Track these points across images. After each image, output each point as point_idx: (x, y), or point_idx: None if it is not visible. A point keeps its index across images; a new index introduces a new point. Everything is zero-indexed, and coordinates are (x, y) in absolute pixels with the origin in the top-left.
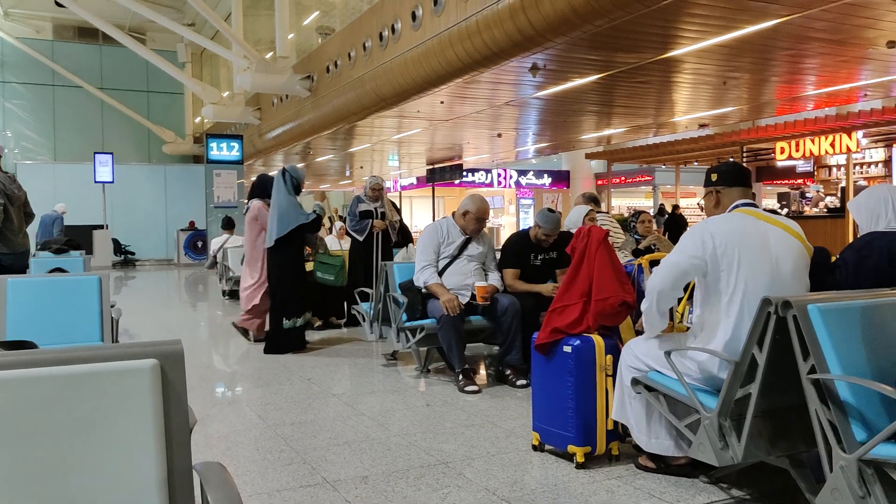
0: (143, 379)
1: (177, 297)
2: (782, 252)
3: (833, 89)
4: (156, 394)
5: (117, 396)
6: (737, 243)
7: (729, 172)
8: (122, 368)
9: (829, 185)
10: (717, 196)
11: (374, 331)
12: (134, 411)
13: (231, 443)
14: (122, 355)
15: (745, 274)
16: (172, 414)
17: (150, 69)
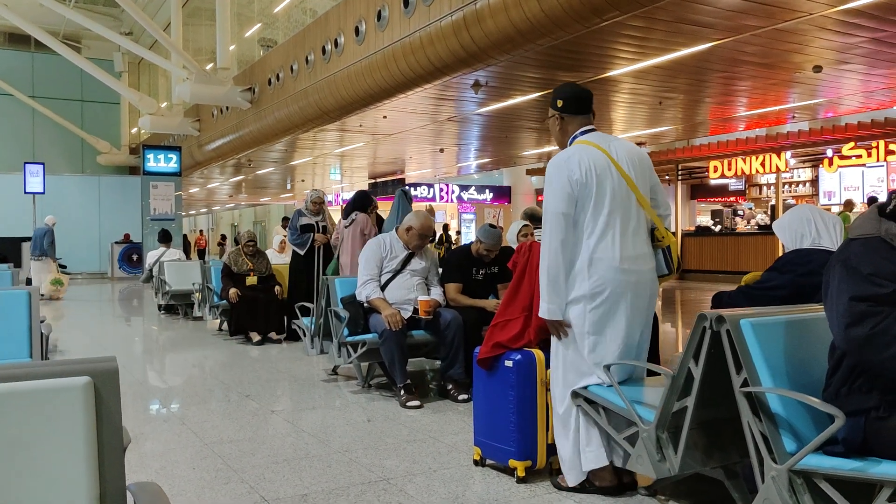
0: (76, 397)
1: (110, 311)
2: (623, 188)
3: (763, 111)
4: (88, 413)
5: (48, 416)
6: (591, 174)
7: (574, 100)
8: (54, 387)
9: (760, 202)
10: (561, 122)
11: (315, 346)
12: (65, 431)
13: (166, 462)
14: (53, 373)
15: (598, 203)
16: (105, 433)
17: (84, 78)
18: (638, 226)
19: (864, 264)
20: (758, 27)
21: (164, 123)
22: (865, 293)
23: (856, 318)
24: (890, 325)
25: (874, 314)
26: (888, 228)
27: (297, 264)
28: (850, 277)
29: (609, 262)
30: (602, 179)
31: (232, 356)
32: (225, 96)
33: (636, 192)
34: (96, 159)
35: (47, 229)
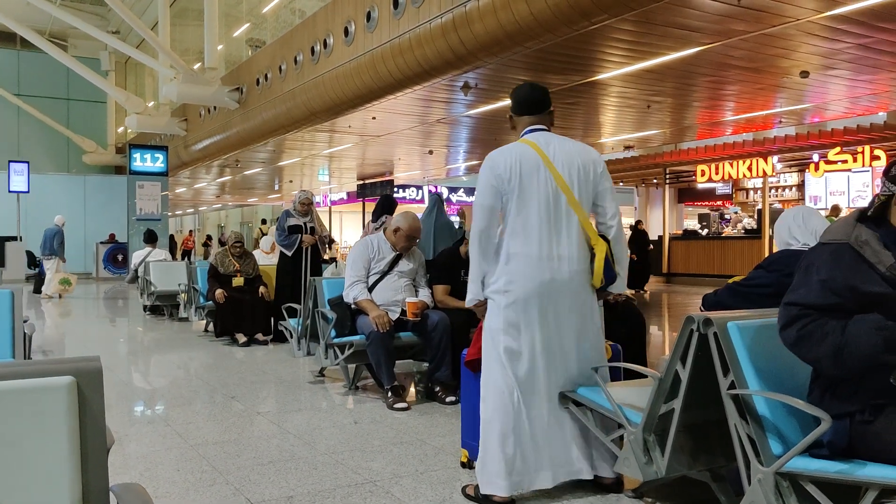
0: (59, 397)
1: (95, 312)
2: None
3: (750, 115)
4: (72, 413)
5: (31, 415)
6: (516, 171)
7: (520, 102)
8: (37, 386)
9: (747, 207)
10: (511, 122)
11: (301, 347)
12: (48, 431)
13: (150, 463)
14: (36, 372)
15: (521, 199)
16: (89, 433)
17: (71, 76)
18: (567, 227)
19: (823, 269)
20: (745, 32)
21: (150, 123)
22: (798, 300)
23: (788, 320)
24: (814, 329)
25: (802, 317)
26: (858, 235)
27: (285, 265)
28: (803, 279)
29: (525, 260)
30: (527, 177)
31: (217, 357)
32: (212, 96)
33: (567, 194)
34: (82, 158)
35: (57, 230)
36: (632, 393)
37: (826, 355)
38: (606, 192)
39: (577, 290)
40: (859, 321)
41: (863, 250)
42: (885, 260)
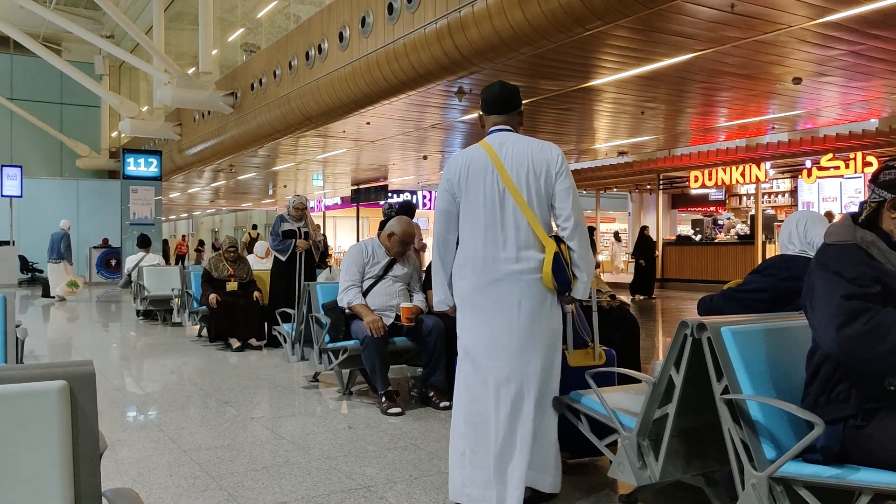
0: (51, 401)
1: (88, 317)
2: (500, 190)
3: (743, 122)
4: (64, 417)
5: (23, 420)
6: (464, 174)
7: (487, 101)
8: (29, 390)
9: (740, 212)
10: (481, 120)
11: (295, 352)
12: (40, 435)
13: (143, 469)
14: (28, 376)
15: (467, 202)
16: (81, 438)
17: (64, 80)
18: (515, 229)
19: (846, 269)
20: (738, 39)
21: (144, 127)
22: (855, 292)
23: (849, 315)
24: (882, 319)
25: (866, 310)
26: (863, 236)
27: (279, 270)
28: (834, 281)
29: (471, 263)
30: (474, 179)
31: (211, 362)
32: (207, 100)
33: (515, 195)
34: (75, 163)
35: (64, 233)
36: (626, 398)
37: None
38: (563, 192)
39: (526, 293)
40: None
41: (870, 249)
42: (894, 259)
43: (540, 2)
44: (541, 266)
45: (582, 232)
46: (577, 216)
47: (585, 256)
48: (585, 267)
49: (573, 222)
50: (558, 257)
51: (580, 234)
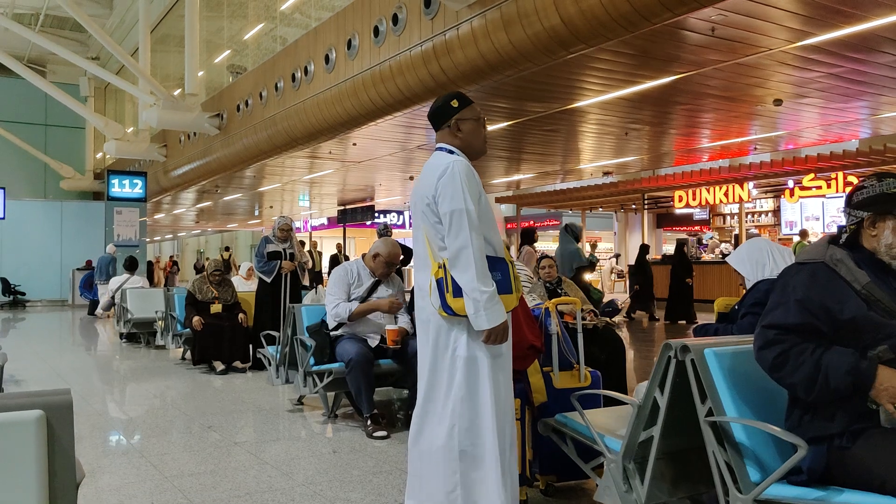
0: (27, 432)
1: (70, 339)
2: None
3: (726, 142)
4: (40, 448)
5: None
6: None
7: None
8: (5, 421)
9: (724, 232)
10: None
11: (280, 375)
12: (17, 465)
13: (124, 496)
14: (5, 406)
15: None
16: (58, 468)
17: (49, 102)
18: (422, 250)
19: (799, 289)
20: (720, 61)
21: (129, 149)
22: (774, 322)
23: (765, 342)
24: (791, 355)
25: (779, 342)
26: (832, 254)
27: (264, 292)
28: (780, 300)
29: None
30: (412, 203)
31: (194, 386)
32: (193, 122)
33: (415, 219)
34: (60, 184)
35: (111, 257)
36: (611, 420)
37: (800, 383)
38: (443, 214)
39: (429, 319)
40: (834, 356)
41: (838, 268)
42: (861, 278)
43: (524, 26)
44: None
45: (457, 258)
46: (451, 241)
47: (465, 284)
48: (469, 294)
49: (450, 247)
50: (441, 281)
51: (456, 260)
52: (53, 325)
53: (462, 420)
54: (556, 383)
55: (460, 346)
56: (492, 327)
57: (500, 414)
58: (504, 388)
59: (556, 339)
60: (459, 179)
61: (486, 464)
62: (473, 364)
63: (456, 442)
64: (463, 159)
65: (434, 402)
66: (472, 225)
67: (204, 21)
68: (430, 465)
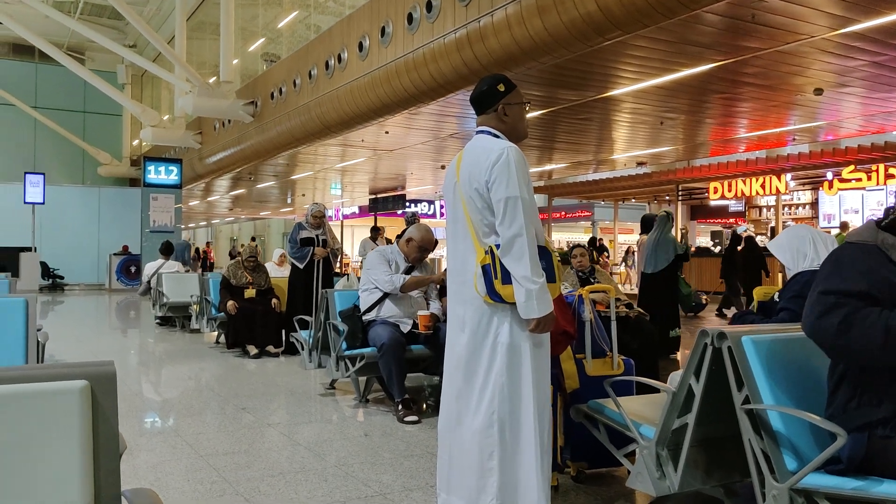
0: (73, 400)
1: (107, 322)
2: (454, 197)
3: (763, 133)
4: (85, 416)
5: (45, 418)
6: (445, 182)
7: (471, 101)
8: (51, 389)
9: (760, 224)
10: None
11: (312, 359)
12: (62, 434)
13: (161, 473)
14: (51, 376)
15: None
16: (102, 437)
17: (87, 89)
18: (463, 238)
19: (858, 261)
20: (759, 49)
21: (165, 136)
22: (833, 287)
23: (826, 308)
24: (858, 316)
25: (841, 305)
26: (884, 239)
27: (297, 278)
28: (834, 269)
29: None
30: (446, 187)
31: (228, 369)
32: (227, 109)
33: (462, 199)
34: (97, 170)
35: (186, 244)
36: (644, 407)
37: (868, 348)
38: (497, 201)
39: (468, 304)
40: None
41: (890, 253)
42: None
43: (559, 12)
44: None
45: (513, 244)
46: (507, 231)
47: (517, 270)
48: (521, 282)
49: (503, 233)
50: (488, 268)
51: (510, 247)
52: (91, 309)
53: (502, 406)
54: (589, 370)
55: (503, 333)
56: (541, 316)
57: (539, 401)
58: (543, 375)
59: (588, 326)
60: (514, 166)
61: (525, 451)
62: (515, 351)
63: (495, 429)
64: (515, 146)
65: (472, 388)
66: (526, 213)
67: (239, 9)
68: (465, 451)
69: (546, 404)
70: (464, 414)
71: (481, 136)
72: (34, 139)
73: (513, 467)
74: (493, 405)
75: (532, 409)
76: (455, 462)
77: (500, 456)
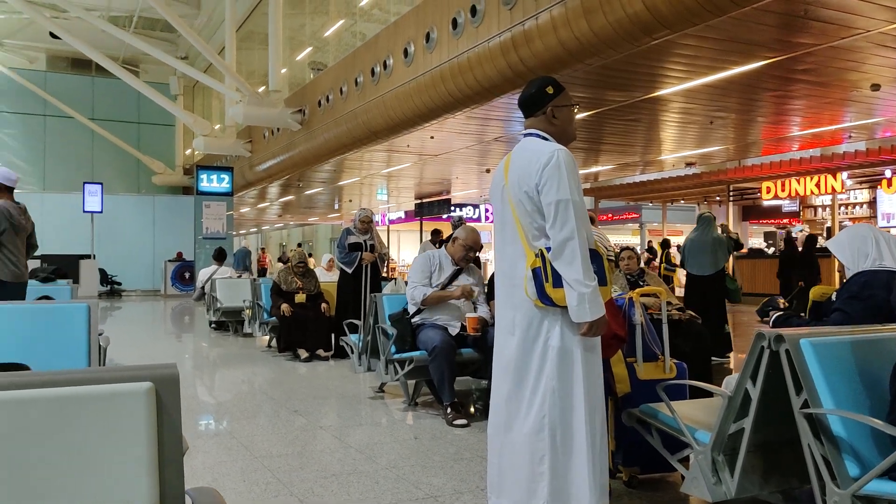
0: (139, 401)
1: (163, 327)
2: (503, 199)
3: (818, 130)
4: (150, 417)
5: (112, 419)
6: (492, 185)
7: (519, 104)
8: (118, 391)
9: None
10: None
11: (362, 363)
12: (128, 434)
13: (217, 474)
14: (117, 378)
15: (493, 212)
16: (166, 437)
17: (141, 100)
18: (512, 241)
19: None
20: (813, 45)
21: (217, 144)
22: None
23: None
24: None
25: None
26: None
27: (346, 282)
28: None
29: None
30: (493, 191)
31: (280, 372)
32: (276, 118)
33: (510, 202)
34: (151, 179)
35: (247, 251)
36: (698, 412)
37: None
38: (547, 205)
39: (518, 308)
40: None
41: None
42: None
43: (606, 13)
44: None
45: (564, 248)
46: (558, 234)
47: (568, 274)
48: (572, 286)
49: (554, 236)
50: (538, 271)
51: (561, 251)
52: (147, 314)
53: (553, 410)
54: (641, 374)
55: (553, 337)
56: (593, 320)
57: (591, 405)
58: (595, 379)
59: (639, 330)
60: (566, 169)
61: (576, 456)
62: (566, 355)
63: (546, 433)
64: (565, 148)
65: (522, 392)
66: (577, 216)
67: (286, 19)
68: (515, 454)
69: (599, 409)
70: (514, 418)
71: (530, 138)
72: (92, 150)
73: (564, 472)
74: (543, 409)
75: (584, 413)
76: (505, 466)
77: (552, 460)
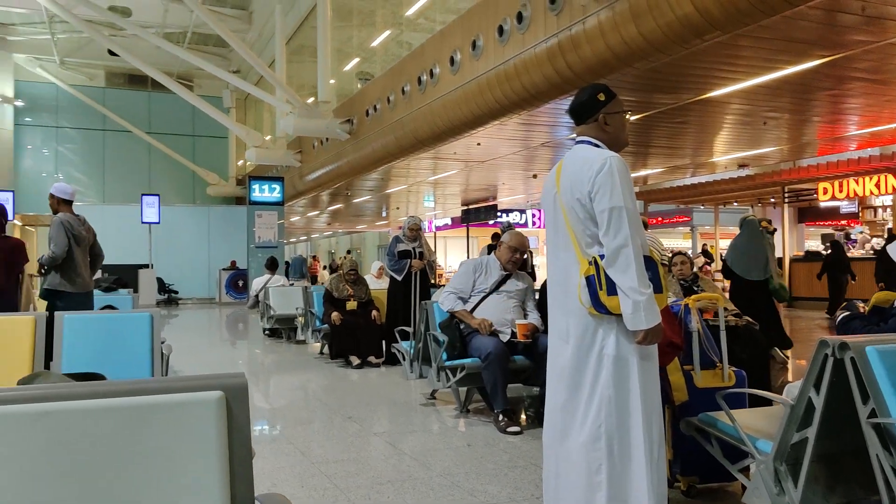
0: (210, 410)
1: (219, 334)
2: (555, 206)
3: (877, 129)
4: (221, 425)
5: (184, 427)
6: (544, 192)
7: (570, 112)
8: (190, 400)
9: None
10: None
11: (413, 370)
12: (200, 441)
13: (276, 480)
14: (189, 387)
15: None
16: (236, 445)
17: (195, 114)
18: (565, 246)
19: None
20: (870, 42)
21: (268, 155)
22: None
23: None
24: None
25: None
26: None
27: (395, 290)
28: None
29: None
30: (545, 197)
31: (333, 379)
32: (325, 128)
33: (563, 209)
34: (206, 190)
35: (303, 259)
36: (759, 420)
37: None
38: (601, 212)
39: (572, 315)
40: None
41: None
42: None
43: (655, 16)
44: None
45: (614, 255)
46: (612, 242)
47: (624, 282)
48: (627, 293)
49: (608, 244)
50: (593, 279)
51: (613, 259)
52: (203, 322)
53: (609, 419)
54: (698, 382)
55: (608, 345)
56: (649, 328)
57: (647, 414)
58: (652, 387)
59: (696, 337)
60: (619, 176)
61: (634, 464)
62: (622, 363)
63: (603, 442)
64: (618, 155)
65: (577, 400)
66: (631, 223)
67: (334, 31)
68: (572, 464)
69: (656, 417)
70: (569, 427)
71: (582, 145)
72: (149, 163)
73: (622, 482)
74: (599, 418)
75: (641, 421)
76: (562, 476)
77: (609, 470)
